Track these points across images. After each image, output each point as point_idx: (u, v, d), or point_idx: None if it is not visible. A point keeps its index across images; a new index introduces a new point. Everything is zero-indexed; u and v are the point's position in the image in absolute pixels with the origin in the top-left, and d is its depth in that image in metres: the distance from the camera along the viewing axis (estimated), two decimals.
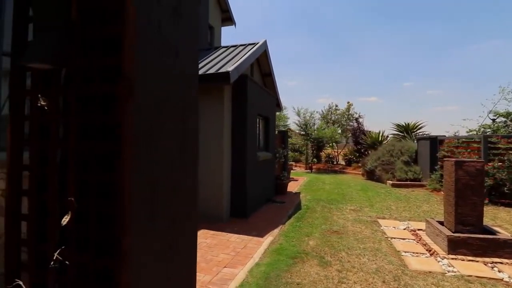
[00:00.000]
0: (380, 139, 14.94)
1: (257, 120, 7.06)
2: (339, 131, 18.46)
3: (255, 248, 4.15)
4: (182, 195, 1.02)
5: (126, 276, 0.71)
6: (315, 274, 3.35)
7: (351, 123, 18.27)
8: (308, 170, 15.65)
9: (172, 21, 0.98)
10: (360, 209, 6.81)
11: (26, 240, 0.83)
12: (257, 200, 6.61)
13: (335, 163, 17.39)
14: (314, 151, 17.70)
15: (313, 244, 4.35)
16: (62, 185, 0.78)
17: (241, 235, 4.74)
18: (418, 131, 14.34)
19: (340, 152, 18.53)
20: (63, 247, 0.74)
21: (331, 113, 19.73)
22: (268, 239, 4.56)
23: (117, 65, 0.74)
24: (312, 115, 18.45)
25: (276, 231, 4.97)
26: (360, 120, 17.44)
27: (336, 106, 19.82)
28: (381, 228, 5.28)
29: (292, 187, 9.74)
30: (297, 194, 8.65)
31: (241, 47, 7.54)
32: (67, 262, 0.73)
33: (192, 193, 1.09)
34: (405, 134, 14.03)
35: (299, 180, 11.68)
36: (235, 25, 12.51)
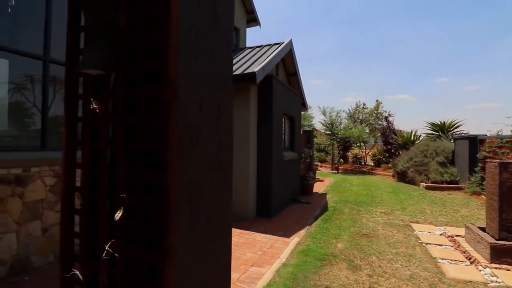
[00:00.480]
0: (412, 138, 14.18)
1: (283, 119, 7.02)
2: (367, 130, 17.79)
3: (281, 248, 4.14)
4: (218, 193, 1.05)
5: (170, 270, 0.74)
6: (344, 277, 3.27)
7: (380, 122, 17.55)
8: (334, 171, 15.27)
9: (209, 25, 1.01)
10: (391, 212, 6.52)
11: (78, 233, 0.90)
12: (282, 200, 6.58)
13: (363, 163, 16.80)
14: (341, 151, 17.23)
15: (342, 247, 4.24)
16: (111, 183, 0.84)
17: (267, 235, 4.74)
18: (454, 130, 13.40)
19: (368, 152, 17.86)
20: (113, 240, 0.79)
21: (359, 112, 19.09)
22: (294, 239, 4.53)
23: (161, 69, 0.78)
24: (339, 114, 17.99)
25: (302, 232, 4.91)
26: (390, 118, 16.70)
27: (364, 104, 19.15)
28: (415, 232, 5.01)
29: (318, 187, 9.57)
30: (323, 195, 8.48)
31: (266, 47, 7.55)
32: (116, 254, 0.78)
33: (228, 192, 1.11)
34: (440, 134, 13.18)
35: (325, 181, 11.44)
36: (259, 26, 12.55)
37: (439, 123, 13.86)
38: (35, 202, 3.12)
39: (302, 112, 12.96)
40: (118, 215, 0.73)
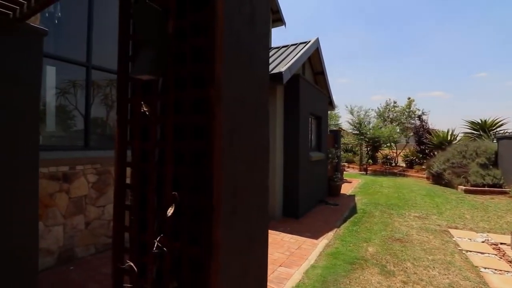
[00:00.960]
0: (449, 138, 13.28)
1: (309, 119, 6.93)
2: (398, 129, 16.97)
3: (309, 250, 4.09)
4: (256, 191, 1.07)
5: (216, 265, 0.77)
6: (377, 283, 3.15)
7: (412, 121, 16.66)
8: (363, 172, 14.75)
9: (248, 27, 1.03)
10: (427, 216, 6.16)
11: (129, 227, 0.96)
12: (309, 201, 6.49)
13: (393, 164, 16.05)
14: (369, 152, 16.60)
15: (373, 251, 4.09)
16: (160, 181, 0.89)
17: (294, 235, 4.71)
18: (497, 129, 12.34)
19: (400, 153, 17.02)
20: (161, 235, 0.84)
21: (389, 110, 18.28)
22: (322, 241, 4.45)
23: (207, 72, 0.81)
24: (367, 113, 17.35)
25: (330, 234, 4.81)
26: (424, 117, 15.80)
27: (395, 102, 18.30)
28: (453, 239, 4.70)
29: (345, 189, 9.31)
30: (352, 197, 8.23)
31: (293, 47, 7.49)
32: (164, 249, 0.83)
33: (265, 190, 1.13)
34: (481, 133, 12.21)
35: (353, 182, 11.10)
36: (285, 25, 12.49)
37: (480, 121, 12.85)
38: (79, 197, 3.39)
39: (329, 112, 12.67)
40: (170, 211, 0.77)
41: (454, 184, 9.69)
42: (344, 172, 12.97)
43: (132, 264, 0.86)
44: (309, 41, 7.41)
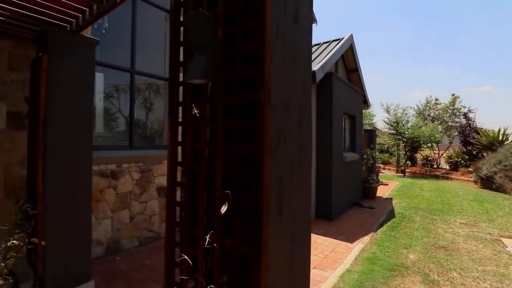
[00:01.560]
0: (500, 138, 12.02)
1: (343, 118, 6.72)
2: (440, 129, 15.74)
3: (344, 253, 3.97)
4: (299, 192, 1.07)
5: (265, 263, 0.79)
6: None
7: (457, 119, 15.36)
8: (400, 174, 13.93)
9: (292, 29, 1.04)
10: (475, 223, 5.65)
11: (179, 223, 1.03)
12: (342, 203, 6.30)
13: (435, 166, 14.94)
14: (408, 152, 15.62)
15: (414, 258, 3.86)
16: (209, 179, 0.94)
17: (327, 238, 4.61)
18: None
19: (442, 154, 15.79)
20: (211, 232, 0.88)
21: (430, 108, 17.05)
22: (358, 245, 4.29)
23: (255, 76, 0.84)
24: (405, 111, 16.33)
25: (366, 238, 4.62)
26: (471, 115, 14.47)
27: (436, 100, 17.02)
28: (507, 249, 4.25)
29: (381, 192, 8.87)
30: (389, 200, 7.82)
31: (325, 45, 7.33)
32: (214, 244, 0.87)
33: (307, 191, 1.13)
34: None
35: (390, 185, 10.54)
36: (316, 23, 12.24)
37: None
38: (125, 193, 3.66)
39: (363, 110, 12.17)
40: (223, 209, 0.81)
41: (506, 189, 8.74)
42: (380, 174, 12.37)
43: (186, 257, 0.92)
44: (342, 38, 7.19)
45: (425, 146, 15.87)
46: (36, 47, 2.77)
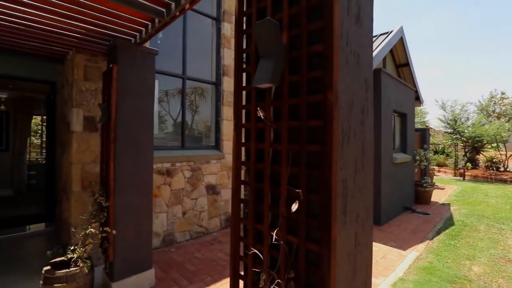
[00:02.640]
0: None
1: (393, 117, 6.31)
2: (508, 127, 13.82)
3: (396, 261, 3.74)
4: (362, 192, 1.06)
5: (334, 262, 0.81)
6: None
7: None
8: (459, 177, 12.57)
9: (355, 27, 1.03)
10: None
11: (244, 219, 1.09)
12: (392, 207, 5.92)
13: (502, 169, 13.16)
14: (468, 153, 14.02)
15: (479, 271, 3.47)
16: (273, 178, 0.98)
17: (377, 243, 4.37)
18: None
19: (511, 155, 13.84)
20: (277, 228, 0.93)
21: (494, 103, 15.08)
22: (412, 253, 4.00)
23: (322, 77, 0.86)
24: (464, 108, 14.69)
25: (421, 246, 4.28)
26: None
27: (503, 93, 14.99)
28: None
29: (437, 196, 8.11)
30: (446, 206, 7.12)
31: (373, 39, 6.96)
32: (281, 241, 0.92)
33: (369, 192, 1.11)
34: None
35: (446, 189, 9.58)
36: None
37: None
38: (178, 190, 3.94)
39: (415, 108, 11.25)
40: (294, 207, 0.85)
41: None
42: (434, 177, 11.32)
43: (256, 251, 0.98)
44: (391, 32, 6.75)
45: (489, 147, 14.07)
46: (106, 59, 3.14)
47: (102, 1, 2.11)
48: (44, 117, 3.99)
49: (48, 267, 2.25)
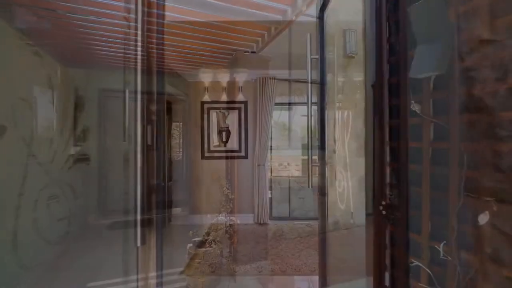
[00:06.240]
0: None
1: None
2: None
3: None
4: None
5: None
6: None
7: None
8: None
9: None
10: None
11: (391, 224, 0.98)
12: None
13: None
14: None
15: None
16: (433, 180, 0.84)
17: None
18: None
19: None
20: (444, 242, 0.79)
21: None
22: None
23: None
24: None
25: None
26: None
27: None
28: None
29: None
30: None
31: None
32: (448, 257, 0.77)
33: None
34: None
35: None
36: None
37: None
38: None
39: None
40: (484, 219, 0.70)
41: None
42: None
43: (419, 264, 0.87)
44: None
45: None
46: (228, 71, 3.57)
47: (225, 18, 2.39)
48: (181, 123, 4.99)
49: (191, 244, 2.75)
